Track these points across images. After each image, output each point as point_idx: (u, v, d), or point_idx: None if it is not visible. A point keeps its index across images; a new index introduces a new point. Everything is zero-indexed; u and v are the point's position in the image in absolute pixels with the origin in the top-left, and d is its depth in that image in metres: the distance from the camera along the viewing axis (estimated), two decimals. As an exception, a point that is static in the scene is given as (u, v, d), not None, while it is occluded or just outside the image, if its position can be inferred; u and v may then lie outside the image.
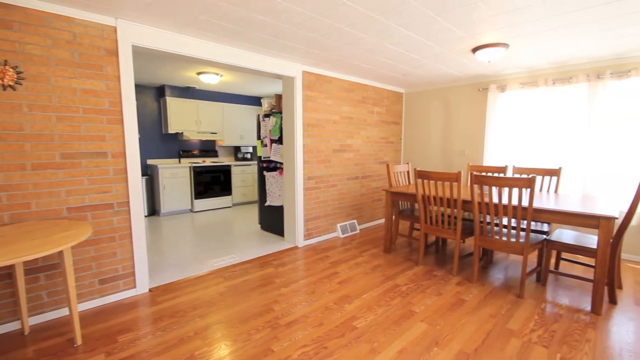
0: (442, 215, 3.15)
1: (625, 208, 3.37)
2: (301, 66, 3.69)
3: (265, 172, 4.41)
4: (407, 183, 4.03)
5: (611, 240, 2.32)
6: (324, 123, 4.06)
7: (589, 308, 2.43)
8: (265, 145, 4.33)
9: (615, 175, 3.46)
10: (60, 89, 2.23)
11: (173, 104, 5.70)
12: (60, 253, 1.88)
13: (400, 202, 3.79)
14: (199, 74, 4.71)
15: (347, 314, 2.33)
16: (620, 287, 2.77)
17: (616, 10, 2.19)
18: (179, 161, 6.11)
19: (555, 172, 3.34)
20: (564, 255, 3.58)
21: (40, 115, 2.17)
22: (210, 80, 4.78)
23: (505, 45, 2.94)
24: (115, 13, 2.30)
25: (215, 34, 2.70)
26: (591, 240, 2.66)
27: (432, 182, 3.66)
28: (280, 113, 4.06)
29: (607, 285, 2.53)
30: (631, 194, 3.39)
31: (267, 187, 4.38)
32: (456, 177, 2.82)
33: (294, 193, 3.81)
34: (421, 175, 3.04)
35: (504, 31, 2.62)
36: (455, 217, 3.04)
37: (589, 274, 3.09)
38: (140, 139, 5.69)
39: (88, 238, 2.40)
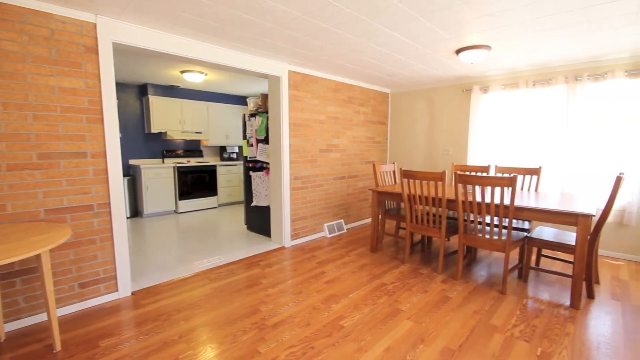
0: (428, 214, 3.19)
1: (602, 206, 3.50)
2: (287, 66, 3.67)
3: (251, 172, 4.37)
4: (393, 183, 4.07)
5: (589, 237, 2.40)
6: (311, 123, 4.05)
7: (568, 303, 2.51)
8: (252, 145, 4.29)
9: (592, 174, 3.59)
10: (37, 86, 2.15)
11: (156, 102, 5.58)
12: (38, 256, 1.81)
13: (386, 201, 3.82)
14: (182, 72, 4.63)
15: (334, 314, 2.34)
16: (597, 282, 2.87)
17: (591, 14, 2.28)
18: (163, 161, 5.99)
19: (535, 171, 3.44)
20: (544, 252, 3.69)
21: (16, 114, 2.08)
22: (194, 79, 4.70)
23: (488, 47, 3.00)
24: (95, 9, 2.24)
25: (200, 32, 2.66)
26: (570, 237, 2.75)
27: (417, 181, 3.71)
28: (267, 113, 4.03)
29: (585, 281, 2.62)
30: (607, 192, 3.52)
31: (253, 187, 4.35)
32: (441, 177, 2.87)
33: (281, 193, 3.79)
34: (407, 174, 3.08)
35: (486, 33, 2.67)
36: (440, 216, 3.09)
37: (568, 269, 3.19)
38: (121, 139, 5.55)
39: (67, 241, 2.32)
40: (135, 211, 5.56)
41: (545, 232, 2.91)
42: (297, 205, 3.98)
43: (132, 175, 5.57)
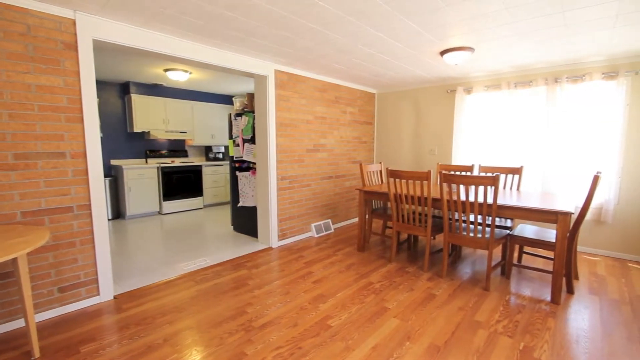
0: (414, 213, 3.23)
1: (580, 204, 3.62)
2: (273, 65, 3.65)
3: (237, 172, 4.33)
4: (380, 182, 4.10)
5: (568, 234, 2.48)
6: (298, 123, 4.04)
7: (549, 298, 2.59)
8: (238, 145, 4.25)
9: (571, 173, 3.70)
10: (13, 84, 2.06)
11: (139, 101, 5.45)
12: (14, 260, 1.74)
13: (373, 201, 3.85)
14: (166, 70, 4.54)
15: (321, 313, 2.34)
16: (577, 278, 2.97)
17: (570, 19, 2.35)
18: (146, 161, 5.86)
19: (517, 171, 3.53)
20: (526, 249, 3.79)
21: (-12, 112, 2.00)
22: (178, 77, 4.62)
23: (471, 49, 3.06)
24: (73, 5, 2.17)
25: (183, 30, 2.61)
26: (550, 234, 2.83)
27: (403, 181, 3.75)
28: (253, 112, 4.00)
29: (565, 276, 2.71)
30: (586, 190, 3.64)
31: (239, 188, 4.30)
32: (426, 176, 2.91)
33: (268, 193, 3.77)
34: (393, 174, 3.11)
35: (470, 35, 2.73)
36: (426, 215, 3.13)
37: (549, 266, 3.29)
38: (102, 139, 5.40)
39: (45, 244, 2.24)
40: (118, 213, 5.42)
41: (527, 229, 2.99)
42: (284, 206, 3.96)
43: (114, 176, 5.43)
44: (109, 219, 5.23)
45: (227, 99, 6.93)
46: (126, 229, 4.69)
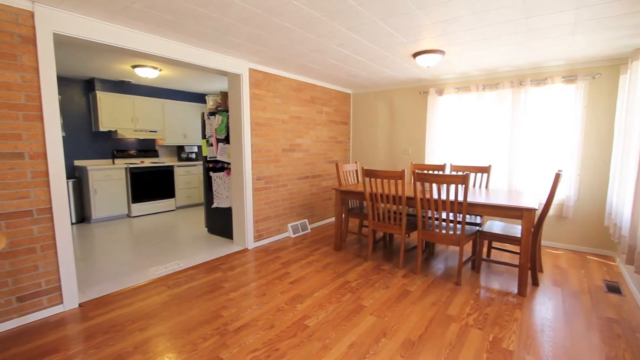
0: (389, 211, 3.29)
1: (544, 200, 3.82)
2: (247, 63, 3.60)
3: (211, 173, 4.23)
4: (356, 182, 4.14)
5: (532, 229, 2.62)
6: (273, 122, 4.00)
7: (516, 290, 2.72)
8: (211, 145, 4.15)
9: (535, 171, 3.91)
10: (-41, 78, 1.90)
11: (104, 99, 5.20)
12: (-38, 270, 1.61)
13: (349, 200, 3.88)
14: (134, 67, 4.36)
15: (298, 314, 2.33)
16: (541, 271, 3.13)
17: (532, 24, 2.47)
18: (113, 162, 5.60)
19: (486, 170, 3.68)
20: (495, 244, 3.96)
21: None
22: (147, 74, 4.45)
23: (442, 52, 3.16)
24: (30, -6, 2.03)
25: (152, 25, 2.51)
26: (516, 229, 2.97)
27: (378, 180, 3.81)
28: (227, 111, 3.92)
29: (530, 270, 2.85)
30: (549, 187, 3.85)
31: (214, 189, 4.20)
32: (400, 175, 2.97)
33: (243, 194, 3.71)
34: (368, 173, 3.15)
35: (440, 39, 2.81)
36: (401, 213, 3.19)
37: (515, 260, 3.45)
38: (65, 138, 5.10)
39: (1, 250, 2.09)
40: (82, 216, 5.14)
41: (495, 225, 3.12)
42: (260, 206, 3.91)
43: (77, 177, 5.14)
44: (72, 223, 4.95)
45: (199, 98, 6.75)
46: (92, 233, 4.46)
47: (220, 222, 4.24)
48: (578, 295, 2.64)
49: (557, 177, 2.67)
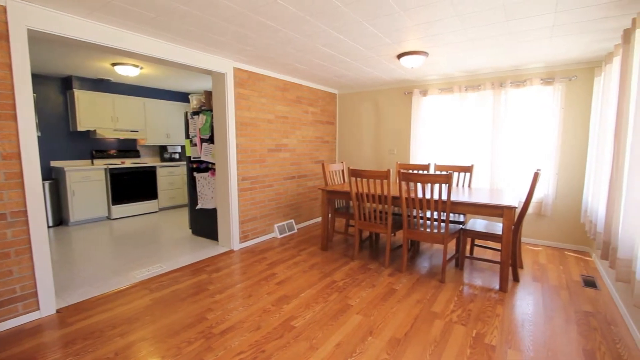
0: (375, 211, 3.31)
1: (524, 198, 3.93)
2: (232, 62, 3.55)
3: (195, 173, 4.15)
4: (342, 182, 4.15)
5: (513, 226, 2.69)
6: (258, 122, 3.97)
7: (497, 287, 2.78)
8: (195, 145, 4.07)
9: (516, 170, 4.02)
10: None
11: (83, 97, 5.03)
12: None
13: (336, 200, 3.89)
14: (114, 65, 4.24)
15: (285, 315, 2.31)
16: (521, 267, 3.22)
17: (512, 28, 2.54)
18: (92, 162, 5.42)
19: (468, 169, 3.76)
20: (477, 241, 4.05)
21: None
22: (128, 72, 4.33)
23: (426, 53, 3.20)
24: (1, -13, 1.94)
25: (132, 22, 2.45)
26: (498, 227, 3.05)
27: (364, 180, 3.83)
28: (211, 110, 3.86)
29: (511, 266, 2.92)
30: (528, 186, 3.97)
31: (198, 189, 4.13)
32: (386, 175, 2.99)
33: (228, 194, 3.66)
34: (354, 173, 3.16)
35: (424, 40, 2.85)
36: (386, 213, 3.22)
37: (497, 257, 3.54)
38: (40, 138, 4.91)
39: (-30, 256, 1.99)
40: (60, 219, 4.96)
41: (478, 223, 3.19)
42: (246, 207, 3.87)
43: (54, 178, 4.96)
44: (49, 226, 4.76)
45: (183, 97, 6.62)
46: (70, 236, 4.31)
47: (205, 224, 4.17)
48: (557, 290, 2.73)
49: (536, 176, 2.76)
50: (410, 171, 3.00)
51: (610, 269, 2.75)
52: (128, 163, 5.64)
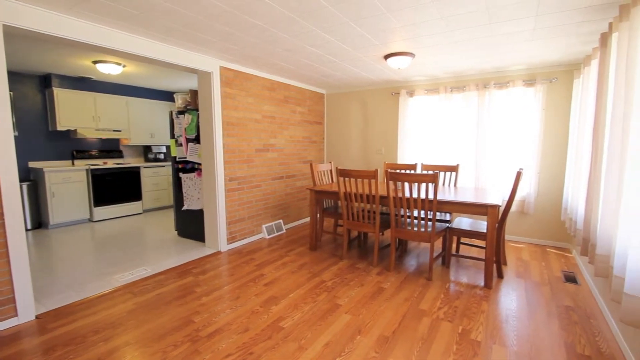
0: (363, 210, 3.33)
1: (507, 197, 4.02)
2: (218, 61, 3.51)
3: (181, 174, 4.08)
4: (331, 181, 4.16)
5: (497, 224, 2.75)
6: (246, 122, 3.93)
7: (482, 283, 2.84)
8: (181, 145, 4.00)
9: (499, 170, 4.11)
10: None
11: (62, 96, 4.88)
12: None
13: (324, 200, 3.89)
14: (95, 62, 4.12)
15: (273, 316, 2.30)
16: (505, 264, 3.29)
17: (495, 30, 2.60)
18: (73, 163, 5.26)
19: (454, 168, 3.82)
20: (463, 239, 4.12)
21: None
22: (110, 70, 4.22)
23: (412, 54, 3.24)
24: (-26, -20, 1.86)
25: (115, 19, 2.38)
26: (483, 225, 3.11)
27: (353, 179, 3.85)
28: (197, 110, 3.80)
29: (495, 263, 2.99)
30: (511, 185, 4.06)
31: (184, 190, 4.06)
32: (374, 175, 3.01)
33: (215, 195, 3.61)
34: (342, 173, 3.17)
35: (410, 42, 2.88)
36: (374, 212, 3.24)
37: (482, 254, 3.61)
38: (18, 138, 4.73)
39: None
40: (39, 222, 4.79)
41: (463, 222, 3.25)
42: (233, 207, 3.83)
43: (33, 180, 4.79)
44: (27, 229, 4.60)
45: (167, 96, 6.50)
46: (50, 239, 4.17)
47: (191, 225, 4.10)
48: (539, 286, 2.80)
49: (519, 175, 2.83)
50: (398, 171, 3.02)
51: (590, 265, 2.84)
52: (111, 163, 5.51)
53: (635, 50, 1.65)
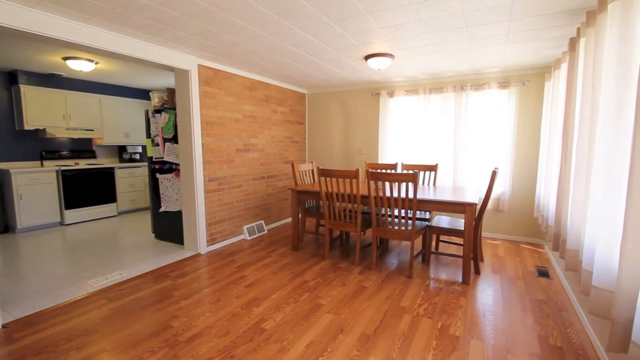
0: (344, 210, 3.34)
1: (484, 195, 4.15)
2: (196, 59, 3.43)
3: (158, 175, 3.97)
4: (312, 181, 4.15)
5: (474, 222, 2.82)
6: (225, 121, 3.86)
7: (460, 280, 2.91)
8: (157, 145, 3.89)
9: (476, 169, 4.23)
10: None
11: (30, 93, 4.64)
12: None
13: (306, 200, 3.88)
14: (65, 59, 3.94)
15: (255, 318, 2.27)
16: (482, 260, 3.39)
17: (472, 34, 2.67)
18: (42, 164, 5.01)
19: (433, 168, 3.90)
20: (442, 237, 4.22)
21: None
22: (82, 67, 4.04)
23: (392, 56, 3.28)
24: None
25: (86, 14, 2.28)
26: (461, 223, 3.19)
27: (334, 179, 3.86)
28: (174, 109, 3.70)
29: (472, 259, 3.07)
30: (487, 184, 4.19)
31: (161, 191, 3.95)
32: (355, 174, 3.03)
33: (194, 196, 3.53)
34: (324, 173, 3.17)
35: (390, 43, 2.92)
36: (356, 212, 3.26)
37: (460, 251, 3.70)
38: (-18, 137, 4.46)
39: None
40: (5, 226, 4.54)
41: (443, 220, 3.32)
42: (213, 208, 3.76)
43: (-2, 182, 4.53)
44: (-8, 234, 4.34)
45: (143, 94, 6.30)
46: (17, 244, 3.95)
47: (169, 227, 3.99)
48: (514, 280, 2.90)
49: (494, 174, 2.92)
50: (379, 170, 3.06)
51: (561, 260, 2.97)
52: (83, 164, 5.28)
53: (601, 54, 1.73)
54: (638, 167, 1.21)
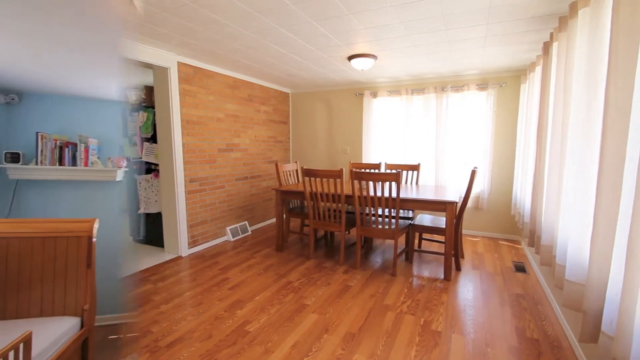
0: (329, 210, 3.35)
1: (464, 194, 4.25)
2: (176, 56, 3.35)
3: (136, 176, 3.85)
4: (296, 181, 4.14)
5: (454, 220, 2.89)
6: (207, 121, 3.80)
7: (442, 276, 2.97)
8: (135, 144, 3.78)
9: (457, 168, 4.33)
10: None
11: None
12: None
13: (290, 200, 3.87)
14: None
15: (238, 320, 2.24)
16: (462, 257, 3.48)
17: (451, 36, 2.73)
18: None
19: (415, 167, 3.97)
20: (425, 235, 4.29)
21: None
22: (56, 64, 3.87)
23: (375, 56, 3.31)
24: None
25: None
26: (442, 221, 3.25)
27: (318, 179, 3.86)
28: (153, 107, 3.61)
29: (454, 257, 3.14)
30: (467, 183, 4.30)
31: (139, 193, 3.84)
32: (339, 174, 3.04)
33: (175, 197, 3.45)
34: (308, 173, 3.17)
35: (373, 44, 2.94)
36: (340, 211, 3.28)
37: (442, 249, 3.78)
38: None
39: None
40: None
41: (425, 218, 3.39)
42: (195, 210, 3.68)
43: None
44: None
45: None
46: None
47: (148, 230, 3.89)
48: (492, 276, 2.99)
49: (473, 173, 3.00)
50: (363, 170, 3.09)
51: (536, 255, 3.08)
52: (57, 165, 5.07)
53: (572, 58, 1.81)
54: (607, 166, 1.27)
